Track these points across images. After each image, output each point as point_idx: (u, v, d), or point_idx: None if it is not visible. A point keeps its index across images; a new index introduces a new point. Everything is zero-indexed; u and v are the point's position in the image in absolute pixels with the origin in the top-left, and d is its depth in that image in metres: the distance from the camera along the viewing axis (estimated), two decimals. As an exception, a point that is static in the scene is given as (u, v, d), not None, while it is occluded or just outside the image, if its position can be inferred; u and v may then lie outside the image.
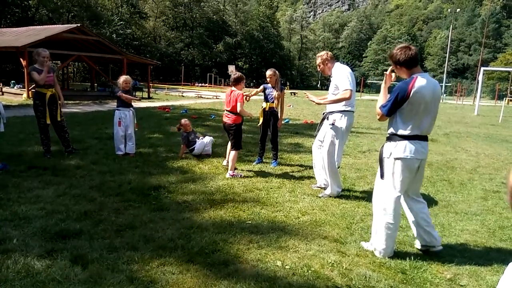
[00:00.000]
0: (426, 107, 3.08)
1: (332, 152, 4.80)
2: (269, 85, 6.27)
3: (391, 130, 3.26)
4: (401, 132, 3.15)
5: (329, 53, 5.00)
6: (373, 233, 3.40)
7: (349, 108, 4.74)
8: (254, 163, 6.46)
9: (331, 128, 4.76)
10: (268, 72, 6.20)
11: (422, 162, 3.24)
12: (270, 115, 6.29)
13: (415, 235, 3.46)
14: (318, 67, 5.06)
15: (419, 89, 3.02)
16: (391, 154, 3.19)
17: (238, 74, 5.73)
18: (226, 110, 5.66)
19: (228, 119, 5.63)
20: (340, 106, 4.71)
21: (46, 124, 6.10)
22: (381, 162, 3.28)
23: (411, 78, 3.09)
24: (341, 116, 4.73)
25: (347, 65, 5.15)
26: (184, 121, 6.99)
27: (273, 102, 6.24)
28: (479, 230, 4.02)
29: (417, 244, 3.48)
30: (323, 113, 5.04)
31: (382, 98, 3.31)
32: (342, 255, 3.26)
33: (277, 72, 6.27)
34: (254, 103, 16.15)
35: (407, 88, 3.03)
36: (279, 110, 6.38)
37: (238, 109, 5.45)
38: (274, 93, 6.19)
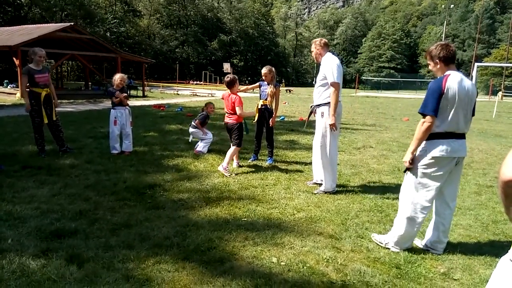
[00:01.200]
0: (460, 103, 3.07)
1: (325, 144, 4.84)
2: (265, 82, 6.27)
3: None
4: (437, 130, 3.11)
5: (324, 40, 5.01)
6: (397, 231, 3.36)
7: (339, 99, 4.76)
8: (249, 160, 6.47)
9: (321, 121, 4.83)
10: (264, 70, 6.20)
11: (460, 160, 3.23)
12: (265, 112, 6.30)
13: (427, 233, 3.46)
14: (311, 53, 5.09)
15: (453, 85, 3.03)
16: (426, 151, 3.16)
17: (231, 76, 5.82)
18: (227, 112, 5.82)
19: (229, 119, 5.79)
20: (327, 98, 4.75)
21: (40, 123, 6.08)
22: (415, 160, 3.22)
23: (444, 75, 3.11)
24: (329, 108, 4.74)
25: (342, 61, 5.19)
26: (212, 105, 7.54)
27: (266, 99, 6.25)
28: (472, 225, 4.06)
29: (418, 242, 3.51)
30: (311, 106, 5.10)
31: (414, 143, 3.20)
32: (337, 251, 3.28)
33: (273, 69, 6.28)
34: (250, 101, 16.14)
35: (441, 84, 3.04)
36: (274, 107, 6.38)
37: (238, 112, 5.63)
38: (268, 90, 6.19)
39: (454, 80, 3.05)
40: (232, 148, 5.73)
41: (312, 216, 4.06)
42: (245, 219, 3.90)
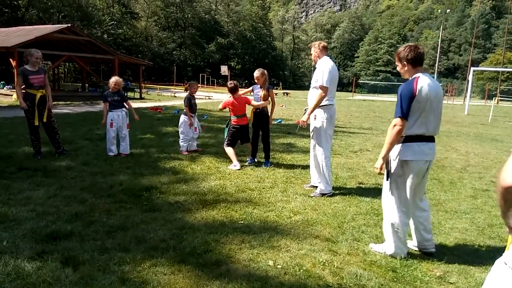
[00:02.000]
0: (431, 105, 3.10)
1: (320, 148, 4.91)
2: (258, 85, 6.31)
3: None
4: (408, 133, 3.13)
5: (322, 43, 5.08)
6: (385, 235, 3.39)
7: (326, 102, 4.85)
8: (246, 163, 6.47)
9: (313, 123, 4.93)
10: (256, 73, 6.27)
11: (429, 164, 3.26)
12: (260, 115, 6.33)
13: (413, 235, 3.48)
14: (310, 55, 5.17)
15: (423, 87, 3.06)
16: (397, 156, 3.19)
17: (233, 83, 6.25)
18: (239, 116, 6.23)
19: (244, 121, 6.30)
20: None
21: (36, 125, 6.05)
22: (387, 164, 3.25)
23: (414, 77, 3.14)
24: (321, 111, 4.86)
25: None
26: (195, 85, 7.34)
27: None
28: (468, 228, 4.08)
29: (410, 244, 3.52)
30: (305, 109, 5.16)
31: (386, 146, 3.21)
32: (333, 254, 3.28)
33: (265, 72, 6.34)
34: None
35: (412, 87, 3.06)
36: (270, 110, 6.42)
37: (252, 103, 6.24)
38: (261, 93, 6.23)
39: (424, 82, 3.08)
40: (249, 144, 6.48)
41: (309, 219, 4.06)
42: (242, 222, 3.89)
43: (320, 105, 4.83)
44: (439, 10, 75.94)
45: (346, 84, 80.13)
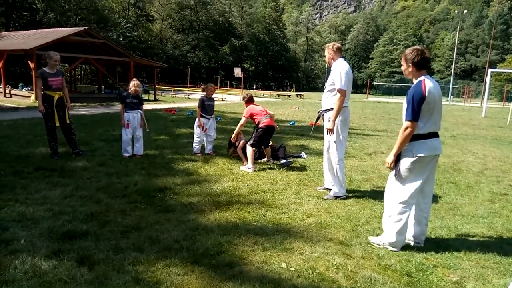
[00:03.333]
0: (436, 105, 3.31)
1: (334, 150, 4.86)
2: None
3: None
4: (421, 131, 3.31)
5: (336, 44, 5.02)
6: (384, 228, 3.55)
7: (344, 105, 4.77)
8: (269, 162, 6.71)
9: (327, 126, 4.84)
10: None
11: (438, 158, 3.51)
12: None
13: (411, 227, 3.61)
14: (324, 57, 5.12)
15: (430, 89, 3.25)
16: (412, 152, 3.34)
17: (249, 94, 6.77)
18: (268, 116, 6.38)
19: (272, 122, 6.42)
20: (334, 103, 4.73)
21: (53, 126, 6.16)
22: (397, 160, 3.42)
23: (420, 80, 3.30)
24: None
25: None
26: (212, 87, 7.30)
27: None
28: (486, 233, 3.99)
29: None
30: (319, 111, 5.14)
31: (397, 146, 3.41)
32: (347, 257, 3.25)
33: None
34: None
35: (421, 90, 3.23)
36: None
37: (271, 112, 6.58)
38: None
39: (430, 84, 3.27)
40: (267, 149, 6.63)
41: (322, 222, 4.03)
42: (255, 223, 3.89)
43: (332, 107, 4.77)
44: (456, 11, 74.70)
45: (360, 85, 79.57)
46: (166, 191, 4.78)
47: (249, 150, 6.16)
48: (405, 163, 3.37)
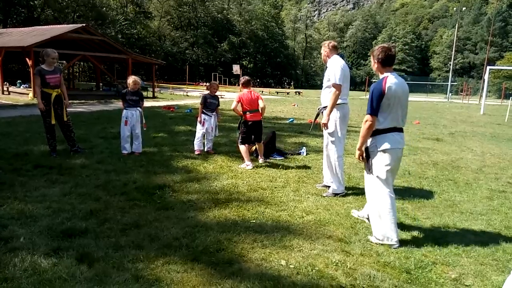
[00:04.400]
0: (399, 101, 3.48)
1: (333, 147, 4.90)
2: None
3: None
4: (382, 126, 3.50)
5: (332, 42, 5.09)
6: (372, 223, 3.68)
7: (340, 101, 4.81)
8: (260, 161, 6.54)
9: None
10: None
11: (401, 152, 3.61)
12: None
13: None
14: (321, 54, 5.16)
15: (391, 85, 3.42)
16: (377, 146, 3.53)
17: (246, 77, 6.35)
18: (253, 110, 6.15)
19: (257, 117, 6.21)
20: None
21: (51, 123, 6.14)
22: (368, 157, 3.60)
23: (383, 77, 3.49)
24: (334, 110, 4.81)
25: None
26: (215, 85, 7.25)
27: None
28: (484, 230, 4.00)
29: (355, 213, 4.09)
30: (318, 108, 5.17)
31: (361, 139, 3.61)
32: (346, 254, 3.26)
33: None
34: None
35: (381, 86, 3.43)
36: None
37: (261, 105, 6.14)
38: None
39: (391, 81, 3.44)
40: (260, 144, 6.38)
41: (321, 219, 4.04)
42: (254, 221, 3.89)
43: (337, 103, 4.80)
44: (454, 8, 74.58)
45: (359, 83, 79.47)
46: (165, 189, 4.77)
47: (241, 148, 6.20)
48: (374, 158, 3.55)
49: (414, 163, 7.20)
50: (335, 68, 4.74)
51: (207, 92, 7.16)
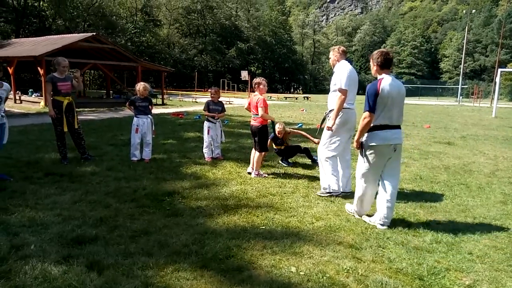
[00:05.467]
0: (393, 101, 3.80)
1: (322, 147, 5.05)
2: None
3: None
4: (374, 123, 3.84)
5: (342, 47, 5.12)
6: (355, 201, 4.21)
7: (347, 106, 4.85)
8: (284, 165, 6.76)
9: (326, 123, 5.00)
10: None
11: (397, 147, 3.92)
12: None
13: (379, 210, 4.06)
14: (329, 59, 5.20)
15: (385, 86, 3.76)
16: (368, 141, 3.92)
17: (257, 79, 5.96)
18: (253, 114, 5.92)
19: (254, 121, 5.92)
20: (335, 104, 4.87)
21: (62, 131, 6.21)
22: (362, 147, 3.99)
23: (379, 79, 3.84)
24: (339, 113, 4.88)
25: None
26: (216, 89, 7.09)
27: None
28: (498, 235, 3.92)
29: (366, 219, 4.20)
30: (325, 113, 5.22)
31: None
32: (357, 261, 3.21)
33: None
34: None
35: (376, 86, 3.78)
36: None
37: (260, 113, 5.76)
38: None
39: (386, 82, 3.78)
40: (257, 154, 5.89)
41: (331, 225, 4.00)
42: (263, 227, 3.87)
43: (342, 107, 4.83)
44: (464, 11, 74.16)
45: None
46: (174, 195, 4.78)
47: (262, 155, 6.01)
48: (366, 150, 3.96)
49: (425, 167, 7.11)
50: (342, 73, 4.77)
51: (210, 98, 7.08)
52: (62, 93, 6.15)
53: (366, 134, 3.93)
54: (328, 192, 5.01)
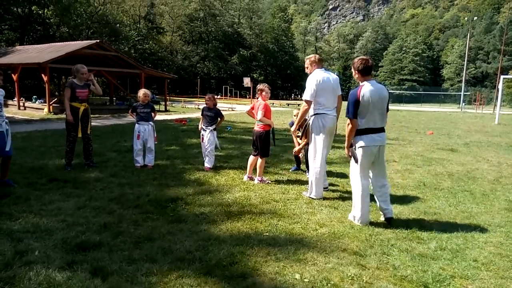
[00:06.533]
0: (374, 106, 4.03)
1: (312, 154, 5.16)
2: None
3: None
4: (360, 127, 4.10)
5: (315, 56, 5.31)
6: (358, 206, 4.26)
7: (321, 111, 5.05)
8: (290, 170, 6.80)
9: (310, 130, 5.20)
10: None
11: (380, 148, 4.20)
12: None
13: (379, 207, 4.36)
14: (306, 69, 5.37)
15: (366, 93, 4.00)
16: (356, 144, 4.17)
17: (260, 86, 5.98)
18: (257, 120, 5.93)
19: (257, 127, 5.94)
20: (313, 110, 5.10)
21: (75, 137, 6.25)
22: (353, 151, 4.23)
23: (359, 86, 4.08)
24: (313, 118, 5.12)
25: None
26: (211, 96, 6.90)
27: None
28: (503, 242, 3.90)
29: (382, 217, 4.38)
30: (308, 117, 5.39)
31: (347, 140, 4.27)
32: (362, 268, 3.20)
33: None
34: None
35: (356, 93, 4.04)
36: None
37: (258, 117, 5.78)
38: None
39: (366, 89, 4.01)
40: (260, 160, 5.90)
41: (335, 232, 3.99)
42: (267, 233, 3.86)
43: (316, 113, 5.07)
44: (466, 18, 74.30)
45: (370, 94, 79.04)
46: (178, 202, 4.78)
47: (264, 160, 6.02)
48: (356, 152, 4.19)
49: (429, 174, 7.09)
50: (307, 84, 5.06)
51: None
52: (79, 99, 6.21)
53: (357, 138, 4.16)
54: (313, 198, 5.15)
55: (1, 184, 5.09)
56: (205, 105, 6.91)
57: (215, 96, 7.09)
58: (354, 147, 4.22)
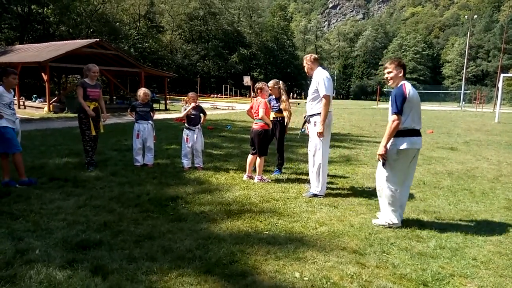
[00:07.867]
0: (415, 105, 3.98)
1: (320, 152, 5.16)
2: (273, 96, 6.42)
3: None
4: (401, 127, 3.92)
5: (313, 56, 5.39)
6: (382, 210, 4.22)
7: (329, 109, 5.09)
8: (272, 174, 6.44)
9: (313, 130, 5.17)
10: (270, 84, 6.30)
11: (417, 152, 4.11)
12: (276, 124, 6.40)
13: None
14: (304, 68, 5.44)
15: (410, 90, 3.94)
16: (395, 146, 3.96)
17: (259, 84, 6.03)
18: (255, 119, 5.96)
19: (256, 125, 5.95)
20: (319, 109, 5.07)
21: (91, 136, 6.25)
22: (389, 153, 4.01)
23: (402, 84, 3.99)
24: (319, 118, 5.06)
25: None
26: (194, 95, 6.82)
27: (278, 111, 6.38)
28: (503, 241, 3.91)
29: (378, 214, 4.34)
30: (305, 116, 5.42)
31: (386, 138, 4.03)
32: (361, 266, 3.21)
33: (280, 82, 6.42)
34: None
35: (403, 91, 3.92)
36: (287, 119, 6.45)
37: (260, 114, 5.81)
38: (282, 104, 6.34)
39: (409, 87, 3.97)
40: (258, 159, 5.90)
41: (335, 230, 4.00)
42: (267, 232, 3.87)
43: (317, 112, 5.07)
44: (466, 16, 74.15)
45: (370, 92, 79.11)
46: (178, 200, 4.79)
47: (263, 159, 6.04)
48: (391, 155, 3.99)
49: (428, 172, 7.10)
50: (322, 80, 5.02)
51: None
52: (90, 98, 6.22)
53: (397, 139, 3.95)
54: (315, 195, 5.18)
55: (22, 184, 5.15)
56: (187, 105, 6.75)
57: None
58: (391, 150, 3.99)
